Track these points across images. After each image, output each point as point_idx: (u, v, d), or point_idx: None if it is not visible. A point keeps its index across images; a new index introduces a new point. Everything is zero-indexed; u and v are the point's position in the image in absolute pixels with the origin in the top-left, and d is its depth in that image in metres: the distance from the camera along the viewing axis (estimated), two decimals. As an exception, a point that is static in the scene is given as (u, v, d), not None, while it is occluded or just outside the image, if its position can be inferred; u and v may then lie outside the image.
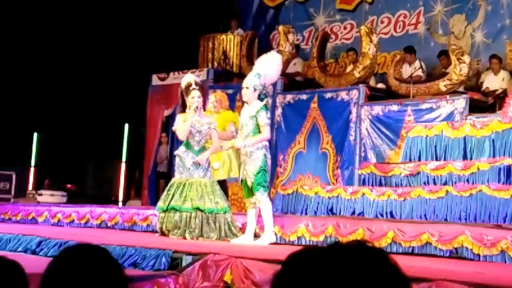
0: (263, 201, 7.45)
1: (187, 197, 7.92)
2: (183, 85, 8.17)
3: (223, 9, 14.46)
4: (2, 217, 11.25)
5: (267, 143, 7.57)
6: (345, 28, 13.50)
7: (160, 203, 8.14)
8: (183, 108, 8.18)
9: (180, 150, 8.17)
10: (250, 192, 7.53)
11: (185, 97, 8.07)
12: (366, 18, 13.02)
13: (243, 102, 8.02)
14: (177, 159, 8.21)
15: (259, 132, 7.50)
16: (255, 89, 7.55)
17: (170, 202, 7.97)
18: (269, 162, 7.55)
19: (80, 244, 1.83)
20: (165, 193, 8.19)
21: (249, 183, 7.52)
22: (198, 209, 7.86)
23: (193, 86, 8.05)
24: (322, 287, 1.30)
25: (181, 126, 8.05)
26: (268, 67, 7.77)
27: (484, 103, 9.97)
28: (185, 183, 8.00)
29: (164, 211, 8.02)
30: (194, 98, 7.98)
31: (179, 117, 8.15)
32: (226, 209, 8.00)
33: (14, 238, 7.66)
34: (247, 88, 7.61)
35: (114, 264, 1.77)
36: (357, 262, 1.30)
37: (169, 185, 8.21)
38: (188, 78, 8.32)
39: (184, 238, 7.78)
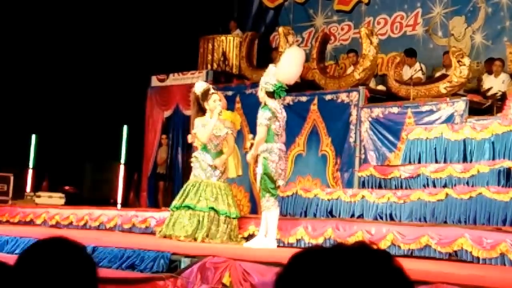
0: (268, 207, 7.42)
1: (202, 197, 8.08)
2: (198, 91, 8.36)
3: (223, 10, 14.43)
4: (0, 219, 11.23)
5: (271, 145, 7.45)
6: (342, 29, 13.46)
7: (174, 202, 8.30)
8: (201, 112, 8.35)
9: (198, 153, 8.38)
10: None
11: (203, 102, 8.27)
12: (363, 19, 12.99)
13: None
14: (194, 161, 8.38)
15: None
16: (261, 89, 7.57)
17: (184, 200, 8.09)
18: (273, 165, 7.45)
19: (51, 238, 1.69)
20: (180, 192, 8.35)
21: (257, 188, 7.58)
22: (212, 209, 7.94)
23: (212, 90, 8.29)
24: None
25: (201, 130, 8.23)
26: (280, 64, 7.73)
27: (482, 106, 9.93)
28: (200, 183, 8.18)
29: (177, 208, 8.10)
30: (216, 102, 8.24)
31: (198, 121, 8.33)
32: (236, 214, 8.16)
33: (11, 240, 7.64)
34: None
35: (85, 262, 1.66)
36: (361, 263, 1.30)
37: (185, 186, 8.40)
38: (203, 84, 8.57)
39: (195, 239, 7.83)
